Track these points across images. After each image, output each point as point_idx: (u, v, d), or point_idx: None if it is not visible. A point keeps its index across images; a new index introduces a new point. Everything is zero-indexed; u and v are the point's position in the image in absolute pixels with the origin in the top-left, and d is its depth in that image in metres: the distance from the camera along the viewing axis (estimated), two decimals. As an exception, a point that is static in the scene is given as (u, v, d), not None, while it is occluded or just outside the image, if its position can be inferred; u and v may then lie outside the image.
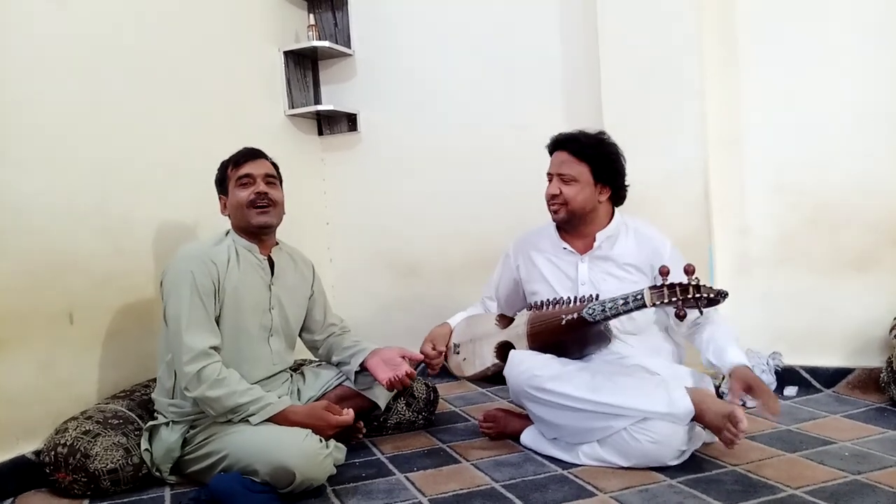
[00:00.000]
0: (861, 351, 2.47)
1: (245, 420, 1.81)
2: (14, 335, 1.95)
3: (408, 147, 3.13)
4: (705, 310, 1.84)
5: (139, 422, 2.00)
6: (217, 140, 2.37)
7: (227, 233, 2.04)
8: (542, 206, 2.92)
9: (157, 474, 1.91)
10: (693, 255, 2.16)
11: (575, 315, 1.87)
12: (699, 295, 1.68)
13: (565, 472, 1.85)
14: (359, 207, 3.26)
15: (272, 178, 2.04)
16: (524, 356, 1.96)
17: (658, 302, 1.72)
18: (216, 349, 1.86)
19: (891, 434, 2.00)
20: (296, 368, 2.25)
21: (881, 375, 2.30)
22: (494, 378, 2.14)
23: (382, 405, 2.18)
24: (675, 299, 1.69)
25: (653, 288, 1.74)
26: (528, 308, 2.07)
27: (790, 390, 2.48)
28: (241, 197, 1.97)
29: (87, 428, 1.89)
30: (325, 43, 3.07)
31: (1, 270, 1.93)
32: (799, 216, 2.54)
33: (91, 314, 2.15)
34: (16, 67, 2.00)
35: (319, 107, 3.13)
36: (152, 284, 2.28)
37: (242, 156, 2.02)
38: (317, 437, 1.79)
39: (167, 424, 1.90)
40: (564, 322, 1.89)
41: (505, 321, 2.15)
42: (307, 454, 1.73)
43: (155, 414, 1.97)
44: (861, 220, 2.45)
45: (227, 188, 2.02)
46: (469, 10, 2.98)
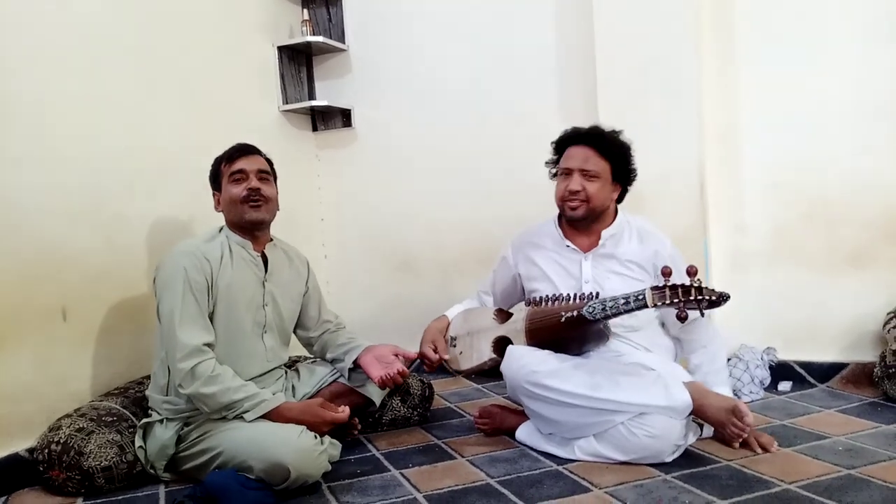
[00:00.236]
0: (855, 346, 2.48)
1: (239, 417, 1.80)
2: (7, 332, 1.93)
3: (403, 143, 3.13)
4: (706, 319, 1.85)
5: (133, 419, 2.00)
6: (211, 136, 2.36)
7: (221, 229, 2.03)
8: (538, 201, 2.90)
9: (152, 472, 1.91)
10: (689, 251, 2.17)
11: (574, 313, 1.86)
12: (701, 297, 1.67)
13: (560, 468, 1.85)
14: (353, 203, 3.26)
15: (265, 174, 2.03)
16: (522, 352, 1.96)
17: (659, 303, 1.71)
18: (210, 346, 1.85)
19: (884, 428, 2.01)
20: (290, 365, 2.24)
21: (875, 370, 2.31)
22: (490, 373, 2.14)
23: (377, 402, 2.17)
24: (677, 300, 1.69)
25: (655, 288, 1.73)
26: (527, 303, 2.06)
27: (784, 385, 2.49)
28: (234, 193, 1.96)
29: (81, 425, 1.89)
30: (320, 38, 3.06)
31: (-5, 267, 1.92)
32: (794, 212, 2.54)
33: (85, 311, 2.14)
34: (10, 65, 1.99)
35: (314, 102, 3.12)
36: (146, 281, 2.28)
37: (235, 151, 2.01)
38: (311, 434, 1.78)
39: (161, 421, 1.90)
40: (564, 319, 1.88)
41: (503, 316, 2.14)
42: (302, 451, 1.72)
43: (149, 411, 1.96)
44: (856, 217, 2.45)
45: (221, 184, 2.01)
46: (464, 5, 2.97)
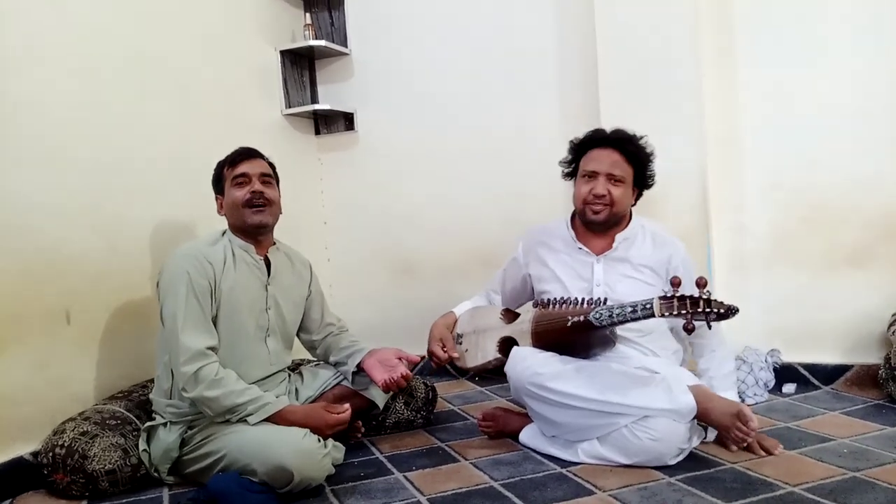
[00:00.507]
0: (859, 348, 2.47)
1: (243, 420, 1.80)
2: (10, 335, 1.94)
3: (405, 146, 3.13)
4: (712, 332, 1.85)
5: (137, 422, 2.00)
6: (214, 139, 2.38)
7: (224, 233, 2.03)
8: (540, 205, 2.91)
9: (156, 475, 1.91)
10: (692, 254, 2.16)
11: (581, 318, 1.85)
12: (709, 309, 1.66)
13: (564, 471, 1.85)
14: (356, 207, 3.26)
15: (268, 178, 2.03)
16: (526, 353, 1.96)
17: (667, 313, 1.70)
18: (213, 349, 1.86)
19: (889, 431, 2.00)
20: (294, 368, 2.24)
21: (879, 372, 2.30)
22: (493, 376, 2.13)
23: (380, 405, 2.17)
24: (685, 311, 1.67)
25: (663, 298, 1.72)
26: (535, 305, 2.06)
27: (789, 387, 2.48)
28: (237, 196, 1.97)
29: (85, 429, 1.89)
30: (322, 42, 3.07)
31: (-2, 270, 1.93)
32: (796, 213, 2.54)
33: (88, 314, 2.15)
34: (12, 67, 1.99)
35: (316, 106, 3.12)
36: (149, 284, 2.28)
37: (238, 155, 2.01)
38: (315, 437, 1.78)
39: (165, 425, 1.90)
40: (570, 324, 1.88)
41: (510, 316, 2.14)
42: (305, 454, 1.72)
43: (153, 414, 1.97)
44: (858, 217, 2.45)
45: (224, 188, 2.01)
46: (465, 9, 2.98)
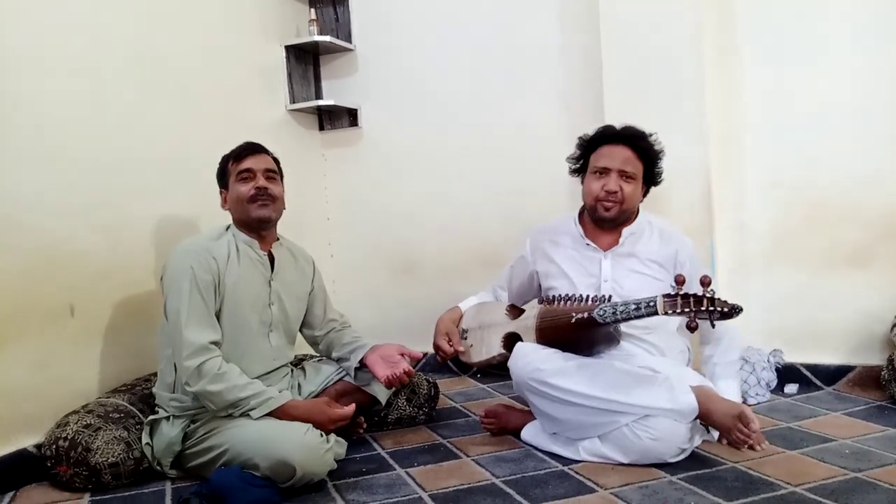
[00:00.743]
0: (862, 348, 2.47)
1: (246, 414, 1.81)
2: (13, 331, 1.94)
3: (408, 142, 3.13)
4: (718, 323, 1.84)
5: (140, 416, 2.01)
6: (218, 135, 2.38)
7: (228, 227, 2.03)
8: (543, 203, 2.91)
9: (158, 468, 1.92)
10: (695, 253, 2.16)
11: (585, 314, 1.85)
12: (713, 308, 1.65)
13: (566, 468, 1.85)
14: (359, 203, 3.26)
15: (273, 173, 2.03)
16: (529, 349, 1.96)
17: (670, 311, 1.69)
18: (216, 344, 1.86)
19: (891, 432, 2.00)
20: (296, 363, 2.25)
21: (882, 373, 2.30)
22: (496, 373, 2.13)
23: (383, 401, 2.18)
24: (688, 310, 1.67)
25: (666, 296, 1.71)
26: (540, 301, 2.06)
27: (791, 388, 2.48)
28: (242, 191, 1.97)
29: (88, 422, 1.90)
30: (327, 38, 3.07)
31: (0, 267, 1.93)
32: (797, 212, 2.53)
33: (91, 309, 2.15)
34: (14, 64, 1.99)
35: (320, 102, 3.12)
36: (152, 279, 2.28)
37: (243, 150, 2.02)
38: (317, 432, 1.78)
39: (168, 419, 1.90)
40: (574, 320, 1.87)
41: (515, 312, 2.14)
42: (308, 448, 1.73)
43: (156, 408, 1.97)
44: (860, 216, 2.44)
45: (228, 182, 2.01)
46: (468, 6, 2.97)
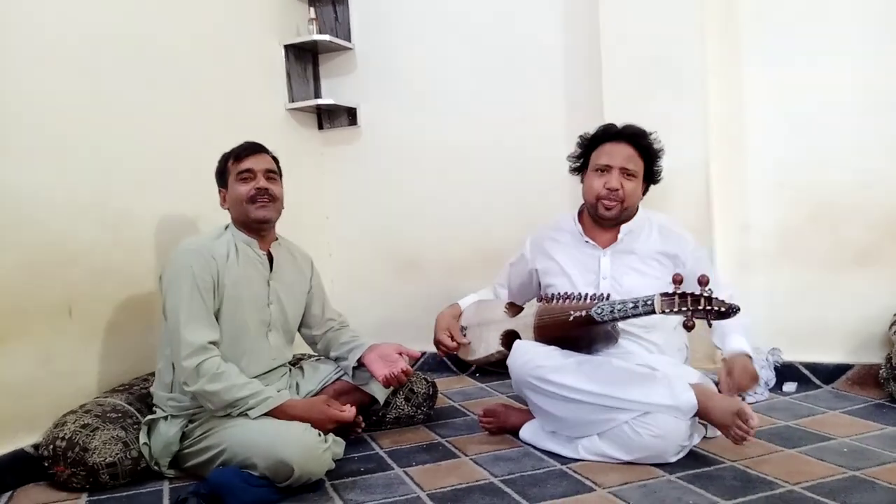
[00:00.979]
0: (860, 347, 2.47)
1: (244, 414, 1.80)
2: (13, 328, 1.94)
3: (408, 141, 3.13)
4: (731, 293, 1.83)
5: (138, 416, 2.00)
6: (217, 133, 2.37)
7: (227, 227, 2.03)
8: (543, 200, 2.90)
9: (156, 468, 1.91)
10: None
11: (583, 313, 1.85)
12: (710, 307, 1.65)
13: (564, 467, 1.85)
14: (358, 201, 3.26)
15: (273, 174, 2.03)
16: (528, 346, 1.96)
17: (668, 310, 1.69)
18: (215, 344, 1.86)
19: (890, 430, 2.00)
20: (294, 363, 2.25)
21: (880, 372, 2.30)
22: (494, 372, 2.14)
23: (381, 400, 2.18)
24: (686, 309, 1.67)
25: (664, 295, 1.71)
26: (539, 299, 2.06)
27: (789, 386, 2.48)
28: (242, 192, 1.97)
29: (86, 422, 1.89)
30: (326, 37, 3.06)
31: (0, 263, 1.93)
32: (800, 212, 2.53)
33: (90, 307, 2.15)
34: (16, 61, 1.99)
35: (320, 100, 3.12)
36: (152, 278, 2.28)
37: (244, 150, 2.01)
38: (315, 431, 1.78)
39: (166, 418, 1.90)
40: (572, 318, 1.88)
41: (514, 310, 2.15)
42: (306, 448, 1.72)
43: (154, 408, 1.97)
44: (862, 216, 2.44)
45: (227, 181, 2.01)
46: (470, 4, 2.97)
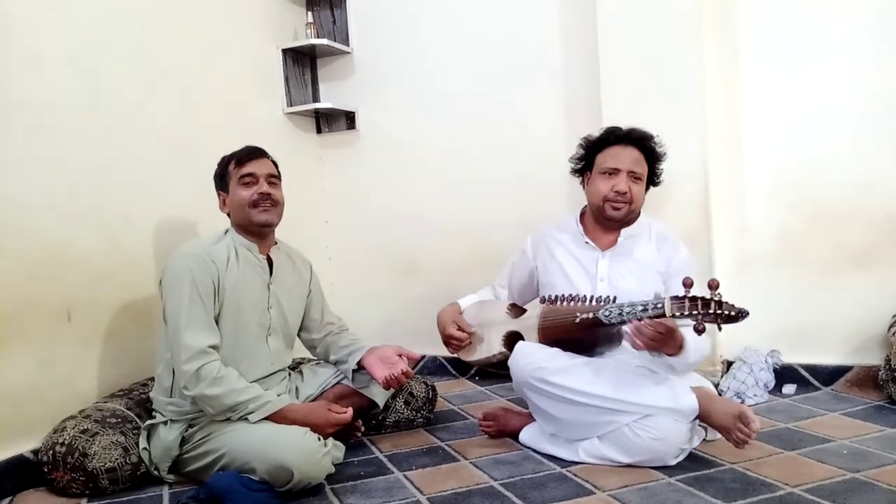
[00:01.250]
0: (860, 349, 2.47)
1: (244, 418, 1.80)
2: (12, 333, 1.94)
3: (406, 144, 3.13)
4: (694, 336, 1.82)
5: (137, 420, 2.00)
6: (215, 138, 2.38)
7: (227, 231, 2.03)
8: (542, 203, 2.90)
9: (156, 473, 1.91)
10: (694, 254, 2.16)
11: (590, 315, 1.85)
12: (720, 311, 1.65)
13: (564, 471, 1.85)
14: (357, 205, 3.26)
15: (274, 178, 2.03)
16: (531, 348, 1.96)
17: (678, 313, 1.69)
18: (215, 348, 1.86)
19: (889, 432, 2.00)
20: (294, 367, 2.24)
21: (879, 373, 2.30)
22: (496, 371, 2.13)
23: (381, 403, 2.17)
24: (696, 313, 1.66)
25: (674, 298, 1.70)
26: (542, 301, 2.06)
27: (789, 388, 2.48)
28: (244, 196, 1.97)
29: (86, 427, 1.89)
30: (324, 41, 3.07)
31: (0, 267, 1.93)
32: (798, 214, 2.53)
33: (89, 312, 2.15)
34: (14, 65, 1.99)
35: (318, 105, 3.13)
36: (151, 282, 2.28)
37: (246, 154, 2.01)
38: (315, 436, 1.78)
39: (165, 423, 1.90)
40: (578, 320, 1.88)
41: (517, 311, 2.14)
42: (305, 452, 1.72)
43: (153, 413, 1.97)
44: (860, 218, 2.44)
45: (228, 185, 2.01)
46: (467, 7, 2.97)
